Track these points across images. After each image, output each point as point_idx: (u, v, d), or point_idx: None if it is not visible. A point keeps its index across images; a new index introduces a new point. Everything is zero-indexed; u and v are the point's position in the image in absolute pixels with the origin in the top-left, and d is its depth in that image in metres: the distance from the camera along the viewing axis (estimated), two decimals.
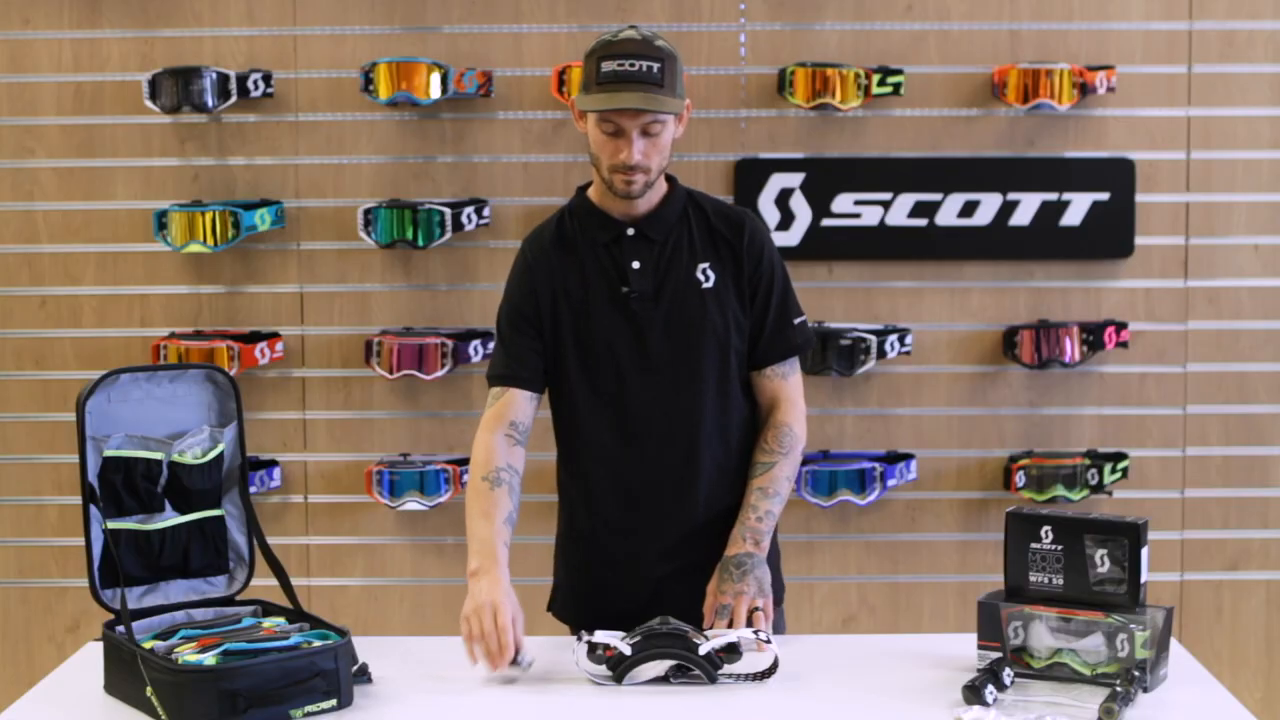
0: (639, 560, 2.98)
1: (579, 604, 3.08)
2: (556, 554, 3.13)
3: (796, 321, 3.04)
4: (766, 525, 2.93)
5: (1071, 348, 4.41)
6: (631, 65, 2.82)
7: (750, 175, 4.48)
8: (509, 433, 2.94)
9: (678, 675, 2.64)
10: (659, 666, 2.63)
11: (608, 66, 2.83)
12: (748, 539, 2.90)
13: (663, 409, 2.95)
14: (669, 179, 3.04)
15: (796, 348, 3.03)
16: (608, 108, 2.83)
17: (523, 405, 2.97)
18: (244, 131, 4.52)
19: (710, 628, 2.80)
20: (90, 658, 2.75)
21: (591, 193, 3.01)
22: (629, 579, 2.99)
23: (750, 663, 2.66)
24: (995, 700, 2.50)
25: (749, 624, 2.78)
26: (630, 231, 2.96)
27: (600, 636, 2.64)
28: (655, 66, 2.83)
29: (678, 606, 2.80)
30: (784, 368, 3.03)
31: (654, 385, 2.95)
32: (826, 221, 4.49)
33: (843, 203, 4.49)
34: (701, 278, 2.97)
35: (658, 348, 2.95)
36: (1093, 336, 4.41)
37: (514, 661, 2.67)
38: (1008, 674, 2.57)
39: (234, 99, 4.41)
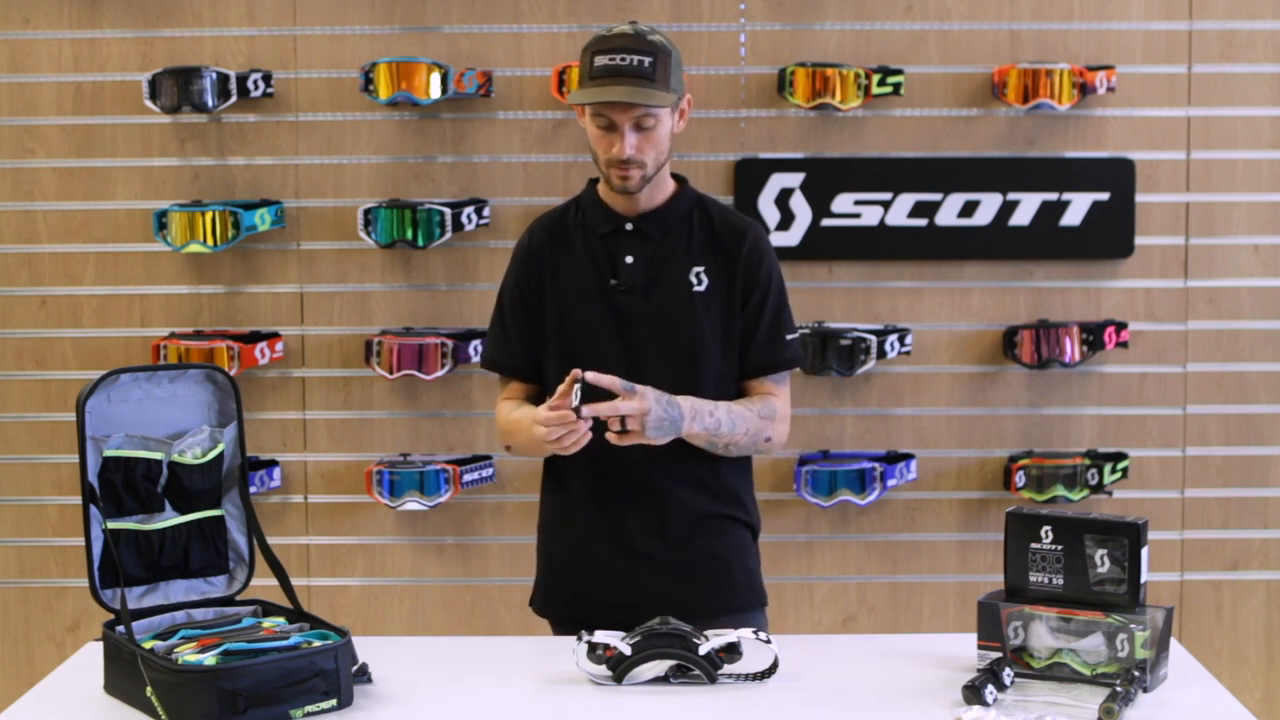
0: (613, 552, 2.98)
1: (557, 595, 3.09)
2: (538, 544, 3.13)
3: (789, 338, 3.02)
4: (707, 409, 2.89)
5: (1071, 348, 4.41)
6: (622, 60, 2.85)
7: (750, 175, 4.48)
8: (515, 401, 3.06)
9: (677, 675, 2.64)
10: (659, 666, 2.63)
11: (600, 61, 2.86)
12: (691, 402, 2.88)
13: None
14: (679, 180, 3.04)
15: (784, 363, 3.02)
16: (595, 100, 2.85)
17: (524, 393, 3.07)
18: (244, 131, 4.52)
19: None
20: (90, 658, 2.75)
21: (600, 186, 3.03)
22: (604, 567, 2.99)
23: (750, 663, 2.66)
24: (995, 700, 2.50)
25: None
26: (629, 226, 2.98)
27: (600, 636, 2.64)
28: (646, 60, 2.85)
29: (656, 598, 2.82)
30: (774, 378, 3.02)
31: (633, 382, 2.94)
32: (826, 221, 4.49)
33: (843, 203, 4.49)
34: (694, 280, 2.97)
35: (640, 345, 2.95)
36: (1093, 336, 4.41)
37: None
38: (1008, 674, 2.57)
39: (234, 99, 4.41)
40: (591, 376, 2.78)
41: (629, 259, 2.97)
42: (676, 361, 2.95)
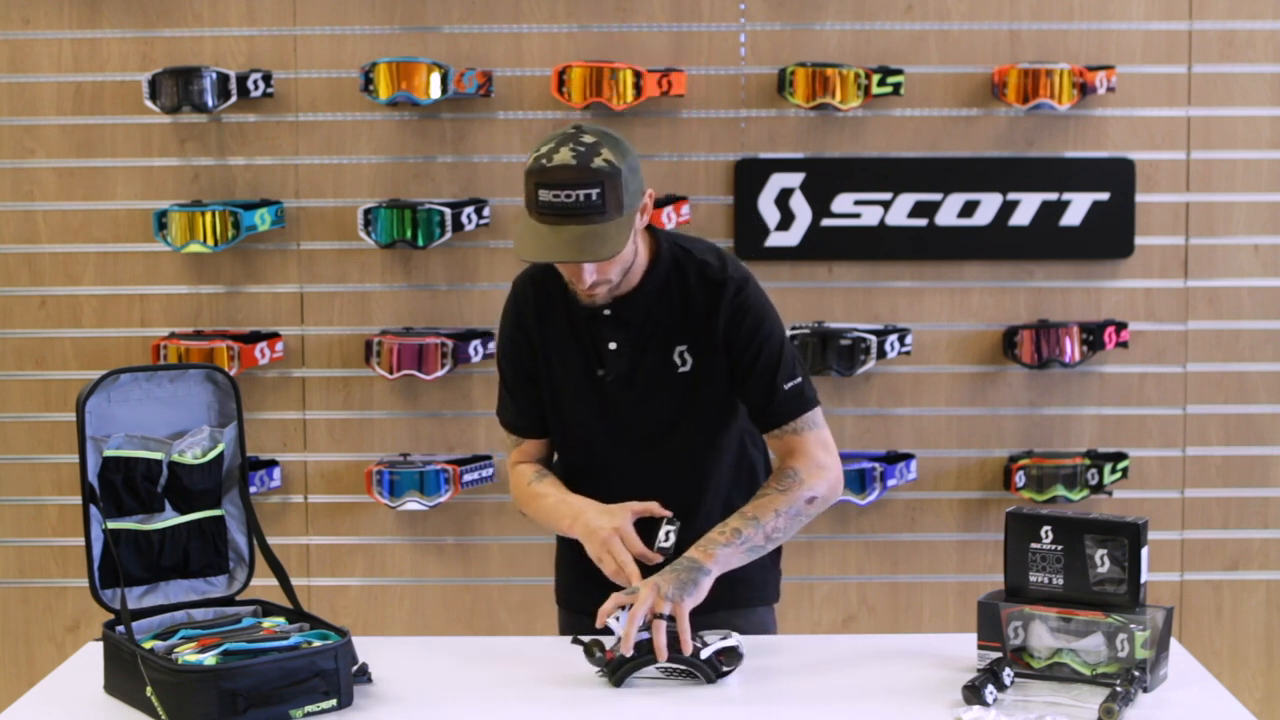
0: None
1: (565, 579, 3.09)
2: (558, 548, 3.13)
3: (787, 387, 2.84)
4: (727, 540, 2.74)
5: (1071, 348, 4.41)
6: (567, 196, 2.63)
7: (750, 175, 4.48)
8: (533, 465, 3.00)
9: (675, 675, 2.63)
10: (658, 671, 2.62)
11: (544, 196, 2.65)
12: (700, 546, 2.74)
13: (642, 486, 2.89)
14: (654, 237, 2.87)
15: (788, 415, 2.85)
16: (543, 260, 2.71)
17: (538, 448, 3.01)
18: (244, 131, 4.52)
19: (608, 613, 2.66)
20: (90, 658, 2.74)
21: None
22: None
23: (747, 662, 2.65)
24: (995, 700, 2.50)
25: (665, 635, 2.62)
26: (607, 312, 2.84)
27: (599, 638, 2.64)
28: (594, 193, 2.63)
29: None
30: (792, 425, 2.86)
31: (632, 464, 2.92)
32: (826, 221, 4.49)
33: (843, 203, 4.49)
34: (678, 361, 2.86)
35: (632, 430, 2.90)
36: (1093, 336, 4.41)
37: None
38: (1008, 674, 2.57)
39: (234, 99, 4.41)
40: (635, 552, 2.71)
41: (612, 345, 2.85)
42: (659, 440, 2.90)
